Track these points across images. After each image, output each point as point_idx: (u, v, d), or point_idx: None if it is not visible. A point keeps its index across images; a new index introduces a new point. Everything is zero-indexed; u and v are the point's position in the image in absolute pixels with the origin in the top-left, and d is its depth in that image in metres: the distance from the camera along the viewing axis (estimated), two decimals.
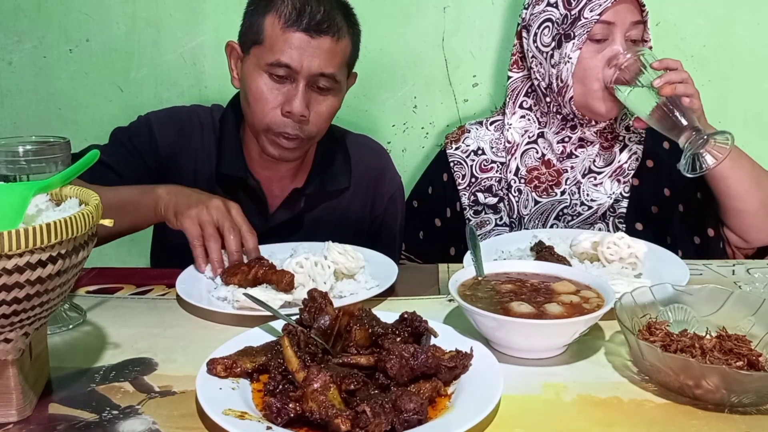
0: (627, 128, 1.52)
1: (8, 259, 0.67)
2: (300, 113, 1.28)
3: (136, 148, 1.40)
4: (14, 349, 0.75)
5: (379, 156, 1.58)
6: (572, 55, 1.41)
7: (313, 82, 1.29)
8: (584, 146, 1.52)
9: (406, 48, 1.82)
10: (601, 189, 1.51)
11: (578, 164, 1.51)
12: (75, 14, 1.83)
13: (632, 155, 1.52)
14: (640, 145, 1.52)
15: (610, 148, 1.52)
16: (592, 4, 1.38)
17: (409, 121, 1.88)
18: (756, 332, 0.91)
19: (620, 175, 1.51)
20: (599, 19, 1.38)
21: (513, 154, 1.55)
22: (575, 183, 1.52)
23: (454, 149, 1.61)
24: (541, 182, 1.53)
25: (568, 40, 1.41)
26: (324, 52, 1.27)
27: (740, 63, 1.79)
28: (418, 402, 0.73)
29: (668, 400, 0.83)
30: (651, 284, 1.00)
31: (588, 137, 1.51)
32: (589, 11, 1.38)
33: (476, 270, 1.04)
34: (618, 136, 1.53)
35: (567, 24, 1.41)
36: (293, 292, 1.08)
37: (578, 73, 1.42)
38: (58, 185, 0.83)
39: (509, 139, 1.55)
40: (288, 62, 1.26)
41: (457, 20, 1.80)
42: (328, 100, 1.33)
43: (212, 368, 0.83)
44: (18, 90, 1.89)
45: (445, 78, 1.84)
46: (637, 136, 1.53)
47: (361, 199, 1.51)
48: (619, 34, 1.39)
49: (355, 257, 1.16)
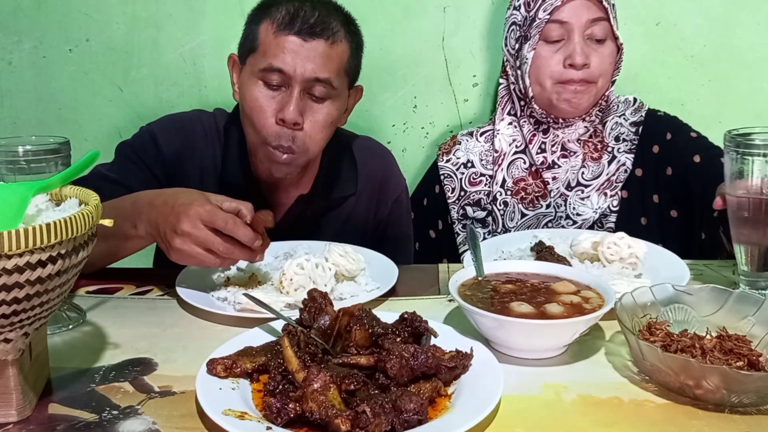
0: (616, 138, 1.52)
1: (8, 259, 0.67)
2: (293, 120, 1.25)
3: (143, 161, 1.37)
4: (14, 349, 0.75)
5: (385, 160, 1.57)
6: (528, 56, 1.44)
7: (309, 88, 1.26)
8: (567, 156, 1.51)
9: (406, 48, 1.82)
10: (587, 203, 1.50)
11: (561, 175, 1.51)
12: (75, 14, 1.83)
13: (621, 166, 1.50)
14: (630, 155, 1.51)
15: (598, 159, 1.51)
16: (545, 4, 1.40)
17: (409, 121, 1.87)
18: (756, 332, 0.91)
19: (608, 188, 1.50)
20: (550, 18, 1.39)
21: (500, 165, 1.54)
22: (560, 195, 1.51)
23: (445, 161, 1.61)
24: (527, 193, 1.52)
25: (525, 41, 1.44)
26: (318, 55, 1.25)
27: (740, 63, 1.79)
28: (418, 402, 0.73)
29: (668, 401, 0.83)
30: (651, 284, 1.00)
31: (570, 147, 1.50)
32: (543, 11, 1.40)
33: (476, 270, 1.04)
34: (607, 147, 1.51)
35: (526, 26, 1.43)
36: (294, 294, 1.07)
37: (533, 72, 1.45)
38: (58, 185, 0.83)
39: (497, 147, 1.55)
40: (281, 66, 1.24)
41: (457, 20, 1.80)
42: (325, 109, 1.29)
43: (212, 368, 0.83)
44: (18, 90, 1.89)
45: (445, 78, 1.84)
46: (628, 145, 1.52)
47: (366, 204, 1.50)
48: (576, 33, 1.39)
49: (356, 259, 1.16)
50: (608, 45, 1.44)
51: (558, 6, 1.39)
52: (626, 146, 1.52)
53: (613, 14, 1.43)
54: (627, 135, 1.53)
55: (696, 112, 1.74)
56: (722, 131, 1.08)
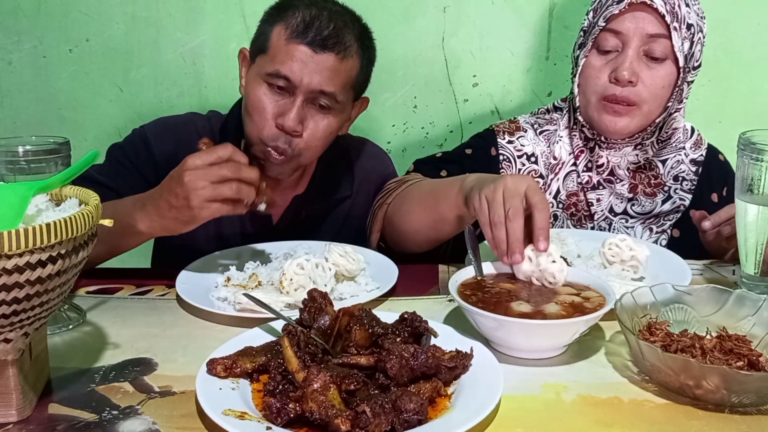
0: (675, 178, 1.42)
1: (8, 259, 0.67)
2: (292, 128, 1.24)
3: (134, 164, 1.36)
4: (14, 349, 0.75)
5: (381, 162, 1.56)
6: (579, 63, 1.36)
7: (313, 98, 1.25)
8: (612, 182, 1.41)
9: (406, 48, 1.82)
10: (631, 233, 1.41)
11: (604, 198, 1.42)
12: (75, 14, 1.83)
13: (675, 207, 1.41)
14: (689, 194, 1.42)
15: (652, 195, 1.41)
16: (605, 12, 1.32)
17: (409, 121, 1.88)
18: (756, 332, 0.91)
19: (654, 223, 1.42)
20: (606, 26, 1.31)
21: (557, 174, 1.43)
22: (605, 219, 1.43)
23: (507, 141, 1.46)
24: (577, 210, 1.43)
25: (581, 48, 1.37)
26: (326, 69, 1.23)
27: (740, 63, 1.79)
28: (418, 402, 0.73)
29: (668, 401, 0.83)
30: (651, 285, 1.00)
31: (618, 173, 1.40)
32: (602, 19, 1.32)
33: (476, 270, 1.04)
34: (663, 185, 1.42)
35: (587, 33, 1.36)
36: (294, 294, 1.07)
37: (581, 82, 1.37)
38: (58, 185, 0.83)
39: (556, 154, 1.44)
40: (287, 74, 1.23)
41: (457, 20, 1.80)
42: (326, 120, 1.28)
43: (212, 368, 0.83)
44: (18, 90, 1.89)
45: (445, 78, 1.84)
46: (688, 185, 1.42)
47: (363, 206, 1.50)
48: (630, 47, 1.29)
49: (356, 259, 1.16)
50: (667, 66, 1.31)
51: (615, 14, 1.29)
52: (686, 185, 1.42)
53: (683, 35, 1.30)
54: (687, 174, 1.43)
55: (696, 112, 1.74)
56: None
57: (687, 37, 1.31)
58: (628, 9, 1.28)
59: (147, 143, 1.37)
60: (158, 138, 1.38)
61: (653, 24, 1.28)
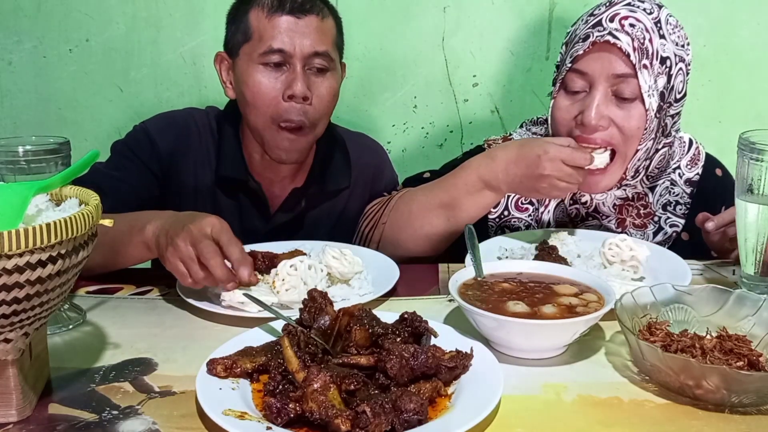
0: (664, 206, 1.37)
1: (8, 259, 0.67)
2: (302, 94, 1.29)
3: (139, 157, 1.39)
4: (14, 349, 0.75)
5: (377, 154, 1.58)
6: (550, 103, 1.30)
7: (309, 63, 1.30)
8: (598, 219, 1.37)
9: (406, 48, 1.82)
10: None
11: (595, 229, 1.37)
12: (75, 14, 1.83)
13: (667, 236, 1.37)
14: (681, 219, 1.37)
15: (642, 227, 1.36)
16: (571, 50, 1.26)
17: (409, 121, 1.88)
18: (756, 332, 0.91)
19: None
20: (571, 67, 1.24)
21: (546, 206, 1.39)
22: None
23: None
24: None
25: (554, 85, 1.31)
26: (313, 30, 1.29)
27: (740, 63, 1.79)
28: (418, 402, 0.73)
29: (668, 400, 0.83)
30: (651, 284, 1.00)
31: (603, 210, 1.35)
32: (569, 58, 1.25)
33: (476, 270, 1.04)
34: (653, 216, 1.37)
35: (559, 69, 1.32)
36: (285, 294, 1.07)
37: (552, 123, 1.31)
38: (58, 185, 0.83)
39: None
40: (280, 46, 1.28)
41: (457, 20, 1.80)
42: (327, 81, 1.33)
43: (212, 368, 0.83)
44: (18, 90, 1.89)
45: (445, 78, 1.84)
46: (681, 209, 1.37)
47: (360, 198, 1.51)
48: (597, 89, 1.22)
49: (352, 262, 1.15)
50: (638, 107, 1.23)
51: (580, 55, 1.23)
52: (680, 210, 1.37)
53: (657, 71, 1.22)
54: (681, 197, 1.37)
55: (696, 112, 1.74)
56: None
57: (662, 72, 1.23)
58: (592, 49, 1.22)
59: (150, 138, 1.40)
60: (160, 132, 1.41)
61: (620, 64, 1.21)
